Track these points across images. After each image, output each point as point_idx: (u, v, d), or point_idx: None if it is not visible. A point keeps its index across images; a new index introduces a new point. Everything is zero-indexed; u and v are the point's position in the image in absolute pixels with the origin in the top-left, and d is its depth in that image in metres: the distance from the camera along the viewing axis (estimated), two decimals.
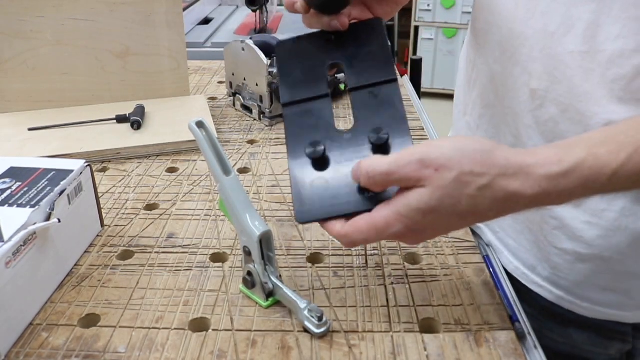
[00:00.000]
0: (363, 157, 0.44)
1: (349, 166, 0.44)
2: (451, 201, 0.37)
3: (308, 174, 0.45)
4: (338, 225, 0.42)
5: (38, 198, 0.51)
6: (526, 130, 0.55)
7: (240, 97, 0.93)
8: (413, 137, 0.45)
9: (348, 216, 0.43)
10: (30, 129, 0.82)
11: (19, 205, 0.50)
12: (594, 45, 0.47)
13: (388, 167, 0.39)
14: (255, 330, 0.47)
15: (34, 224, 0.48)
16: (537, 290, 0.59)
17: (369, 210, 0.42)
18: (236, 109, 0.95)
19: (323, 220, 0.44)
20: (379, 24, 0.50)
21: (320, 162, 0.45)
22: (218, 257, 0.57)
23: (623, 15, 0.44)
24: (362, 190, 0.43)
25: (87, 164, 0.58)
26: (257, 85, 0.88)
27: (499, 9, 0.55)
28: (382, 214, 0.40)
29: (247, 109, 0.93)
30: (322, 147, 0.44)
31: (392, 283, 0.53)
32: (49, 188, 0.53)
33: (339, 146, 0.45)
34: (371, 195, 0.43)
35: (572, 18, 0.47)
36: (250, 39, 0.88)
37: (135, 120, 0.83)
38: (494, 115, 0.61)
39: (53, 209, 0.51)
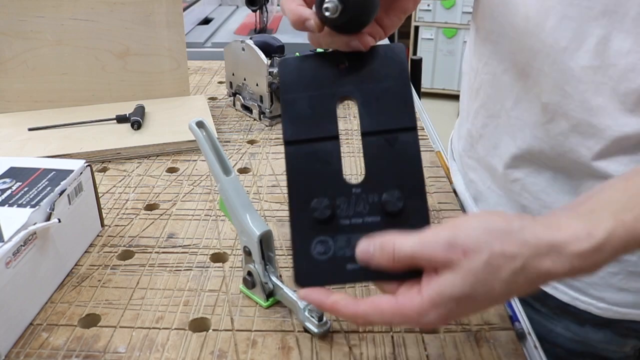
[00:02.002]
0: (372, 221, 0.40)
1: (356, 228, 0.40)
2: (485, 288, 0.35)
3: (311, 231, 0.40)
4: (350, 305, 0.37)
5: (38, 198, 0.51)
6: (538, 142, 0.55)
7: (241, 97, 0.93)
8: None
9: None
10: (30, 129, 0.82)
11: (19, 205, 0.50)
12: (605, 59, 0.47)
13: (413, 248, 0.36)
14: (255, 330, 0.47)
15: (34, 224, 0.48)
16: (552, 292, 0.59)
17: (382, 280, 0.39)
18: (236, 109, 0.95)
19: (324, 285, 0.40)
20: (400, 52, 0.43)
21: (325, 221, 0.40)
22: (218, 257, 0.57)
23: (634, 30, 0.44)
24: None
25: (87, 164, 0.58)
26: (257, 85, 0.88)
27: (508, 19, 0.54)
28: (413, 302, 0.36)
29: (247, 109, 0.93)
30: (330, 208, 0.40)
31: None
32: (49, 188, 0.53)
33: (347, 201, 0.40)
34: None
35: (583, 33, 0.47)
36: (251, 39, 0.88)
37: (135, 120, 0.83)
38: (498, 125, 0.60)
39: (53, 209, 0.51)
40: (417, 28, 3.50)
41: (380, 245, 0.37)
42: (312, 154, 0.41)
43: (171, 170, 0.75)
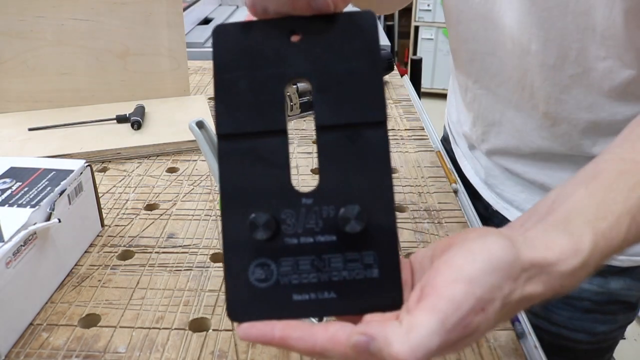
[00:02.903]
0: (326, 241, 0.32)
1: (306, 249, 0.32)
2: (484, 330, 0.31)
3: (248, 252, 0.32)
4: (306, 338, 0.30)
5: (38, 198, 0.51)
6: (546, 142, 0.59)
7: None
8: (412, 138, 0.39)
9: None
10: (30, 129, 0.82)
11: (19, 205, 0.50)
12: (587, 65, 0.51)
13: (440, 339, 0.28)
14: None
15: (34, 224, 0.48)
16: None
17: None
18: None
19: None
20: (371, 21, 0.33)
21: (267, 239, 0.32)
22: (218, 257, 0.57)
23: (604, 42, 0.49)
24: (328, 285, 0.32)
25: (87, 164, 0.58)
26: None
27: (492, 41, 0.57)
28: (389, 347, 0.28)
29: None
30: (271, 227, 0.32)
31: None
32: (49, 188, 0.53)
33: (294, 215, 0.32)
34: (340, 291, 0.32)
35: (565, 49, 0.51)
36: None
37: (136, 120, 0.83)
38: (501, 131, 0.63)
39: (53, 209, 0.51)
40: (417, 28, 3.50)
41: (379, 351, 0.28)
42: (253, 152, 0.33)
43: (171, 170, 0.75)
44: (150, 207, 0.66)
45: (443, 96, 3.98)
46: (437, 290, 0.29)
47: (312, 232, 0.32)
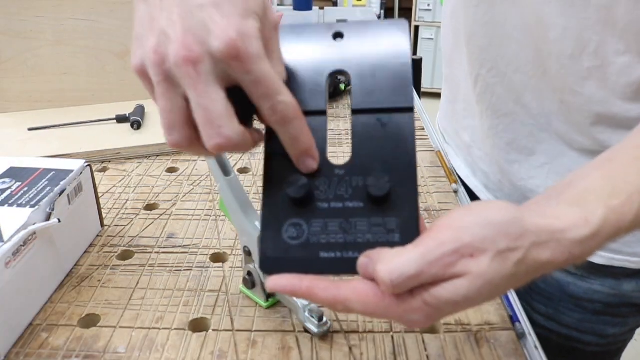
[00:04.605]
0: (354, 207, 0.36)
1: (336, 213, 0.36)
2: (490, 287, 0.33)
3: (284, 213, 0.36)
4: (330, 288, 0.34)
5: (38, 198, 0.51)
6: (562, 126, 0.59)
7: None
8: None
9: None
10: (30, 129, 0.82)
11: (19, 205, 0.50)
12: (605, 59, 0.51)
13: (417, 267, 0.32)
14: (255, 331, 0.47)
15: (34, 224, 0.48)
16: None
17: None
18: None
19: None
20: (403, 28, 0.39)
21: (301, 202, 0.36)
22: (218, 257, 0.57)
23: (625, 36, 0.49)
24: (353, 245, 0.36)
25: (87, 164, 0.58)
26: None
27: (513, 24, 0.57)
28: (402, 300, 0.34)
29: None
30: (306, 188, 0.36)
31: None
32: (48, 188, 0.53)
33: (327, 183, 0.37)
34: (363, 252, 0.35)
35: (583, 40, 0.51)
36: None
37: (135, 120, 0.83)
38: (514, 121, 0.63)
39: (53, 209, 0.51)
40: (417, 28, 3.50)
41: (377, 274, 0.33)
42: None
43: (171, 170, 0.75)
44: (150, 207, 0.66)
45: None
46: (428, 232, 0.34)
47: (342, 198, 0.36)
